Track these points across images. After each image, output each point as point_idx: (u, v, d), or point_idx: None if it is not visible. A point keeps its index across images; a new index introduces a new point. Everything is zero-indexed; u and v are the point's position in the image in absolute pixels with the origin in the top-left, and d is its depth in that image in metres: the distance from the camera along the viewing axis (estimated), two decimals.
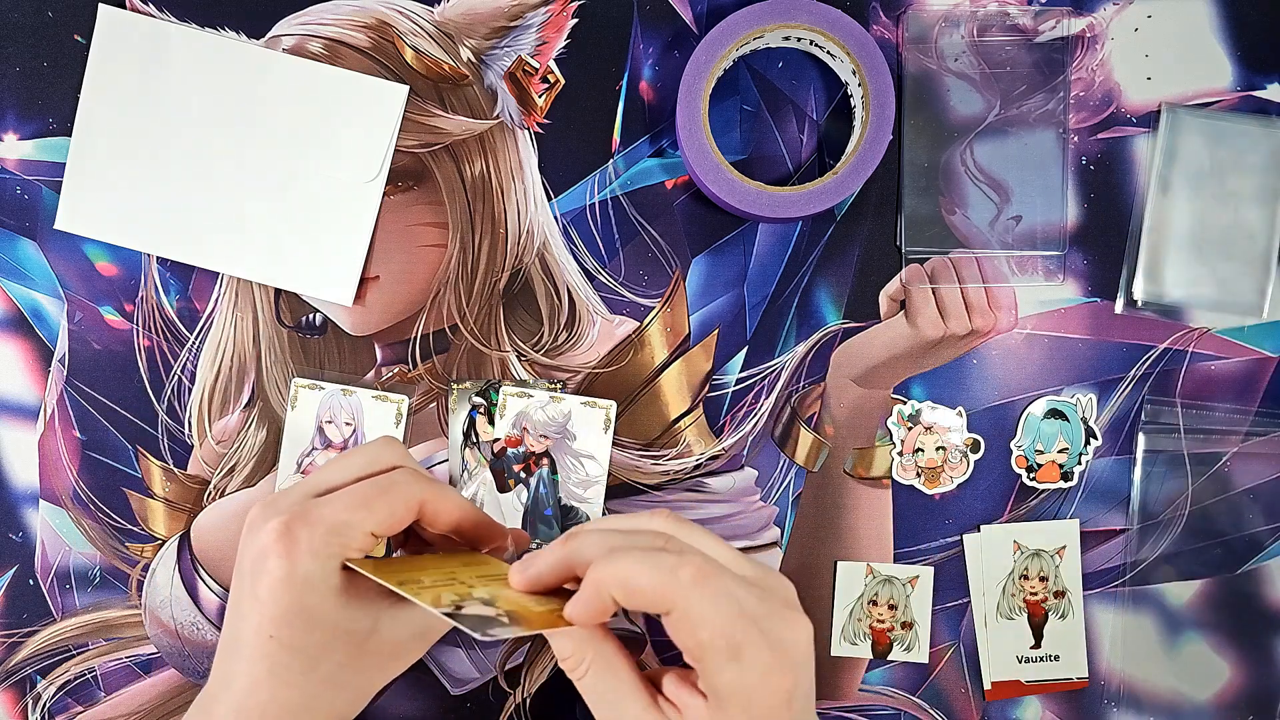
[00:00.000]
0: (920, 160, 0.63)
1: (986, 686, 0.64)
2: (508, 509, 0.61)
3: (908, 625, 0.64)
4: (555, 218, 0.64)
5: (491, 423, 0.63)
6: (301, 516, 0.43)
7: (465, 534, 0.48)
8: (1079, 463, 0.64)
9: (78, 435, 0.64)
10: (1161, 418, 0.63)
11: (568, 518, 0.62)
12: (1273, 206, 0.62)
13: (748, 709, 0.39)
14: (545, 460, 0.60)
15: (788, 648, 0.40)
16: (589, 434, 0.60)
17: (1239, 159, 0.62)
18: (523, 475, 0.61)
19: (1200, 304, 0.63)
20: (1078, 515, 0.64)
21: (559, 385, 0.63)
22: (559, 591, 0.43)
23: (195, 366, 0.64)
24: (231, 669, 0.44)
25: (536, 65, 0.63)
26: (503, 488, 0.62)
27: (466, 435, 0.63)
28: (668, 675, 0.42)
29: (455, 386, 0.63)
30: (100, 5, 0.63)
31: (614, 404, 0.62)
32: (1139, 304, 0.63)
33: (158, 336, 0.64)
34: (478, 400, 0.63)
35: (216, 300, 0.64)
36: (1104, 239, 0.64)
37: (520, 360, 0.63)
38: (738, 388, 0.64)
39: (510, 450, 0.59)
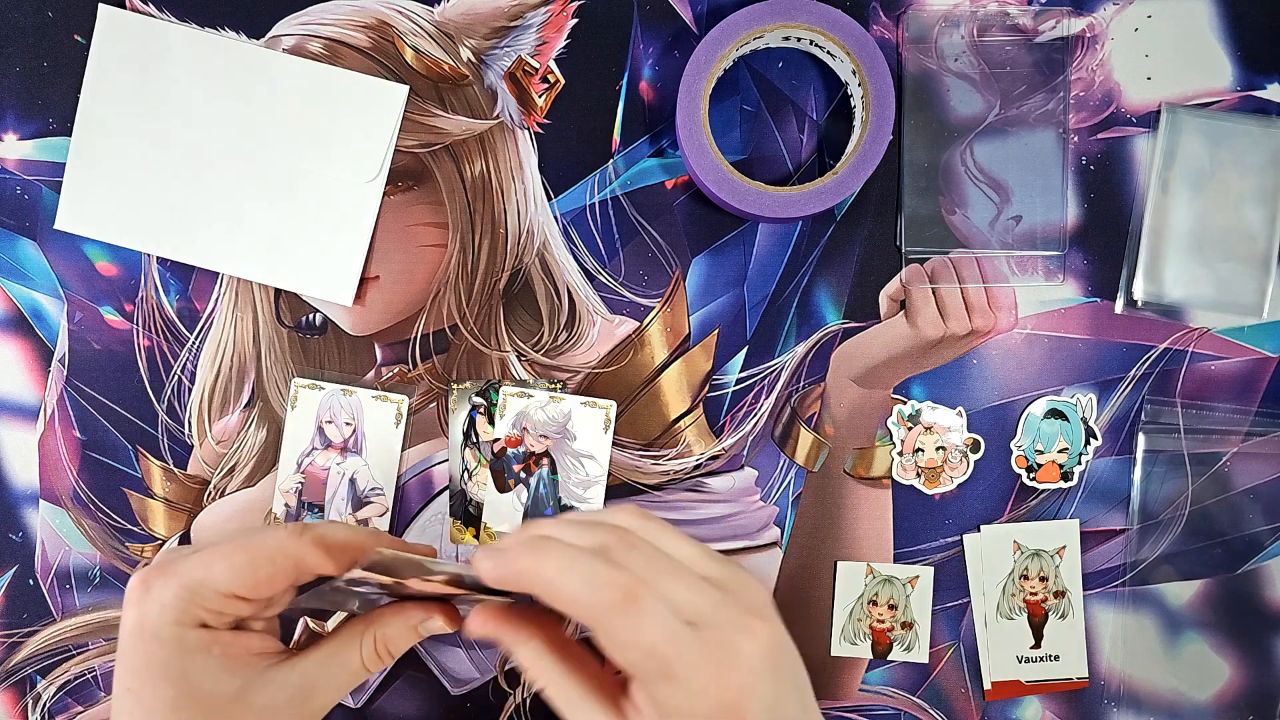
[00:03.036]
0: (920, 160, 0.63)
1: (986, 686, 0.64)
2: (507, 509, 0.61)
3: (908, 625, 0.64)
4: (555, 218, 0.64)
5: (491, 423, 0.63)
6: (160, 568, 0.42)
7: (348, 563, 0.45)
8: (1079, 463, 0.64)
9: (78, 435, 0.64)
10: (1161, 418, 0.63)
11: None
12: (1273, 206, 0.62)
13: None
14: (545, 460, 0.60)
15: (737, 659, 0.37)
16: (589, 434, 0.60)
17: (1239, 159, 0.62)
18: (523, 475, 0.61)
19: (1200, 304, 0.63)
20: (1078, 515, 0.64)
21: (559, 385, 0.63)
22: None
23: (195, 366, 0.64)
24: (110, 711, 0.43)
25: (536, 65, 0.63)
26: (502, 488, 0.62)
27: (466, 435, 0.63)
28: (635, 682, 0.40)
29: (455, 386, 0.63)
30: (100, 5, 0.63)
31: (614, 404, 0.62)
32: (1139, 304, 0.63)
33: (158, 336, 0.64)
34: (478, 400, 0.63)
35: (216, 300, 0.64)
36: (1104, 239, 0.64)
37: (520, 360, 0.63)
38: (738, 388, 0.64)
39: (510, 450, 0.59)
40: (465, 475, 0.63)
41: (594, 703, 0.40)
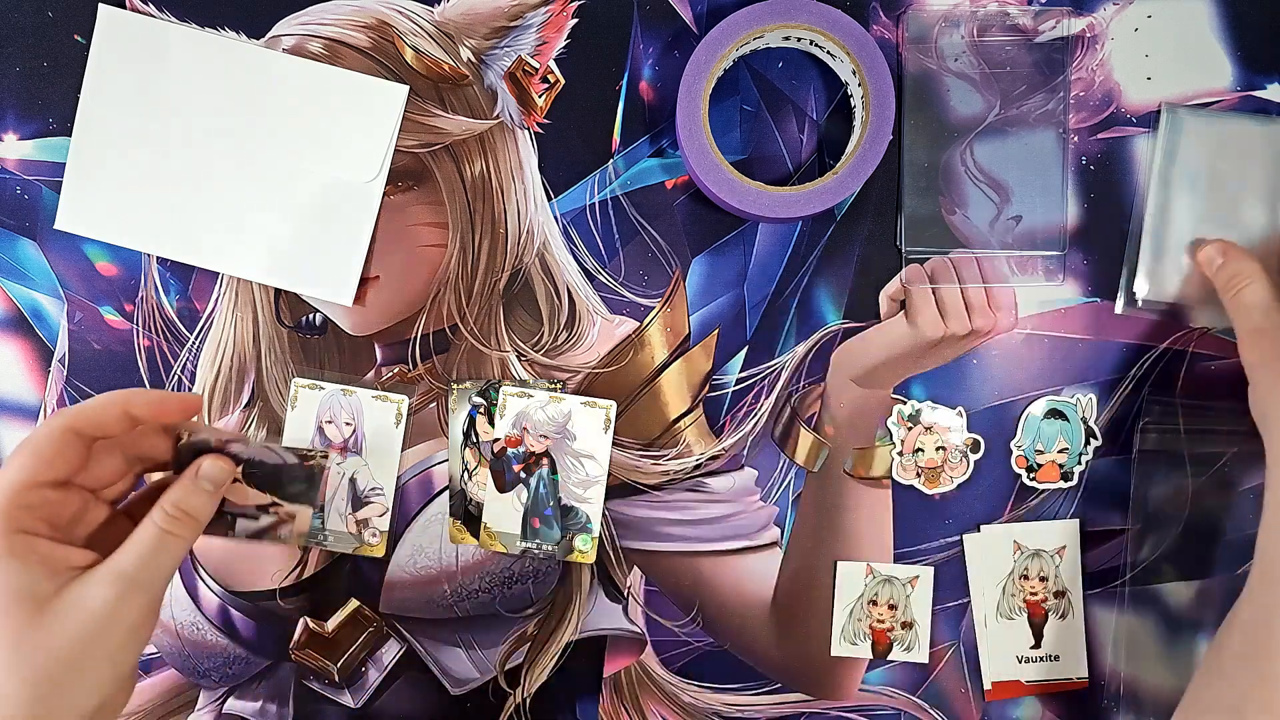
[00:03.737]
0: (920, 160, 0.63)
1: (986, 686, 0.64)
2: (507, 509, 0.61)
3: (908, 625, 0.64)
4: (555, 218, 0.64)
5: (491, 423, 0.63)
6: None
7: (145, 415, 0.49)
8: (1079, 463, 0.64)
9: None
10: (1161, 418, 0.63)
11: (567, 517, 0.62)
12: (1272, 206, 0.62)
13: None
14: (545, 460, 0.60)
15: None
16: (589, 434, 0.60)
17: (1239, 159, 0.62)
18: (522, 475, 0.61)
19: (1199, 305, 0.63)
20: (1078, 515, 0.64)
21: (559, 385, 0.63)
22: None
23: (195, 366, 0.64)
24: None
25: (536, 65, 0.63)
26: (502, 487, 0.62)
27: (466, 435, 0.63)
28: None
29: (455, 386, 0.63)
30: (100, 5, 0.63)
31: (614, 404, 0.62)
32: (1139, 304, 0.63)
33: (158, 336, 0.64)
34: (478, 400, 0.63)
35: (216, 300, 0.64)
36: (1104, 239, 0.64)
37: (520, 360, 0.63)
38: (738, 388, 0.64)
39: (510, 450, 0.59)
40: (465, 475, 0.63)
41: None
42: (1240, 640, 0.51)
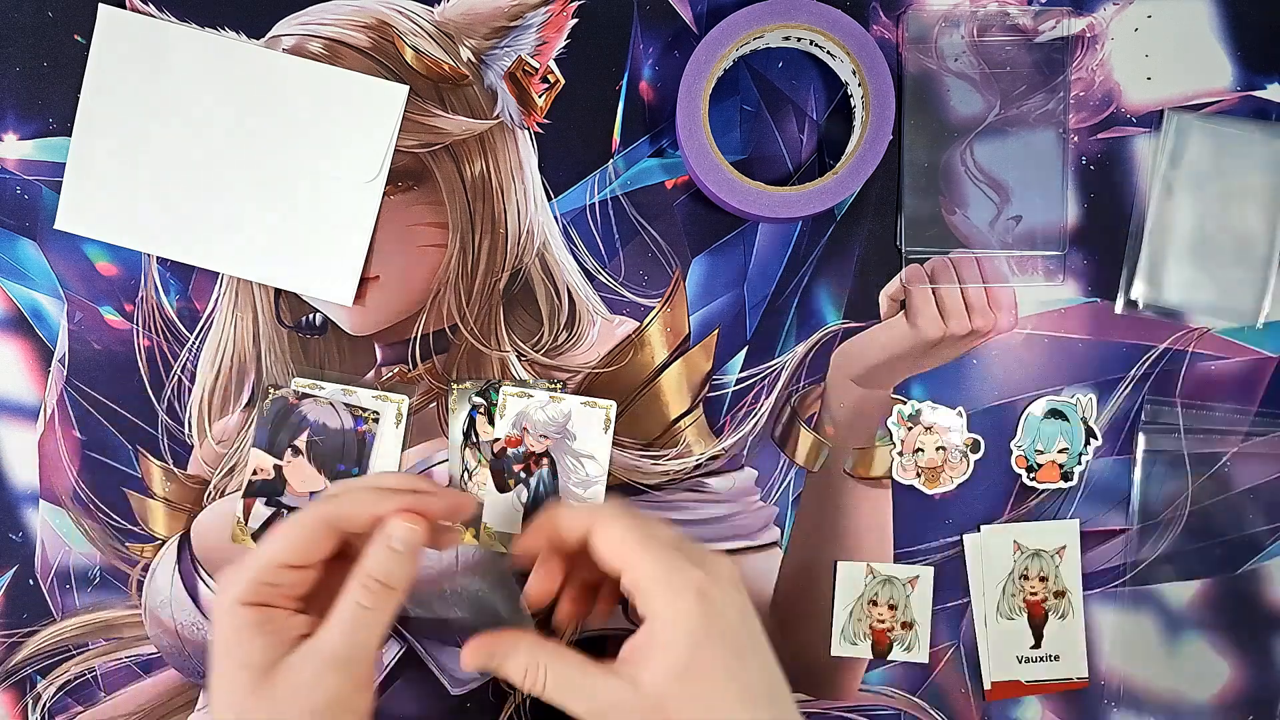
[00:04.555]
0: (920, 160, 0.63)
1: (986, 686, 0.64)
2: (507, 509, 0.61)
3: (908, 625, 0.64)
4: (555, 218, 0.64)
5: (491, 423, 0.63)
6: (240, 561, 0.47)
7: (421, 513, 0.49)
8: (1079, 463, 0.64)
9: (78, 435, 0.64)
10: (1161, 418, 0.63)
11: None
12: (1274, 213, 0.62)
13: (677, 626, 0.45)
14: (545, 460, 0.60)
15: (713, 573, 0.46)
16: (589, 434, 0.60)
17: (1242, 164, 0.62)
18: (522, 475, 0.61)
19: (1198, 308, 0.63)
20: (1078, 515, 0.64)
21: (559, 385, 0.63)
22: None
23: (195, 366, 0.64)
24: None
25: (536, 65, 0.63)
26: (502, 487, 0.62)
27: (466, 435, 0.63)
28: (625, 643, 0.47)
29: (455, 386, 0.63)
30: (100, 5, 0.63)
31: (614, 404, 0.62)
32: (1138, 306, 0.63)
33: (158, 336, 0.64)
34: (478, 400, 0.63)
35: (216, 300, 0.64)
36: (1104, 239, 0.64)
37: (520, 360, 0.63)
38: (738, 388, 0.64)
39: (510, 450, 0.59)
40: (465, 475, 0.63)
41: (592, 670, 0.46)
42: None
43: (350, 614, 0.46)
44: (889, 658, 0.64)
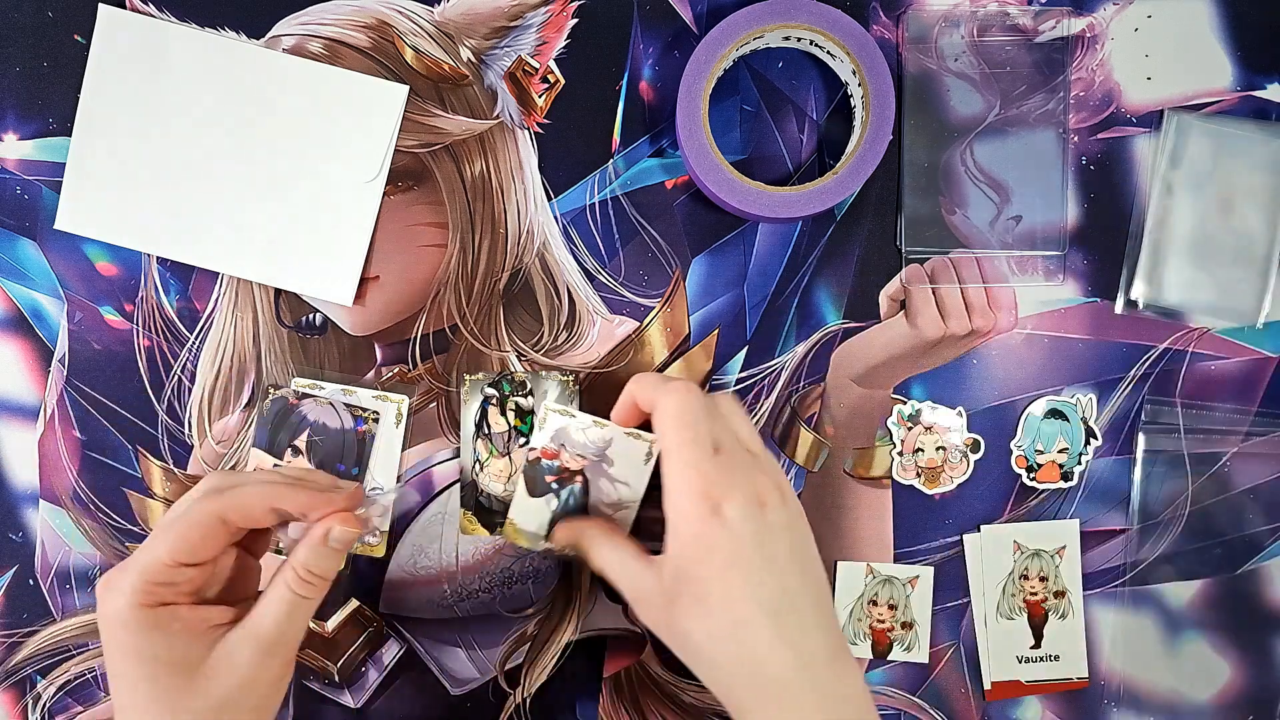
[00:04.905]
0: (920, 160, 0.63)
1: (986, 686, 0.64)
2: (537, 510, 0.59)
3: (908, 625, 0.64)
4: (555, 218, 0.64)
5: (503, 413, 0.63)
6: (116, 568, 0.47)
7: (299, 513, 0.50)
8: (1079, 463, 0.64)
9: (78, 435, 0.64)
10: (1161, 418, 0.63)
11: None
12: (1274, 213, 0.62)
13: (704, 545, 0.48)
14: (580, 478, 0.59)
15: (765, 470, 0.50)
16: (627, 463, 0.58)
17: (1242, 165, 0.62)
18: (554, 486, 0.59)
19: (1198, 308, 0.63)
20: (1078, 515, 0.64)
21: (572, 376, 0.63)
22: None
23: (195, 366, 0.64)
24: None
25: (536, 65, 0.63)
26: (533, 491, 0.60)
27: (479, 426, 0.63)
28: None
29: (468, 378, 0.63)
30: (100, 5, 0.63)
31: (655, 439, 0.57)
32: (1138, 306, 0.63)
33: (158, 336, 0.64)
34: (490, 391, 0.63)
35: (216, 300, 0.64)
36: (1104, 239, 0.64)
37: (520, 360, 0.63)
38: (738, 388, 0.64)
39: (545, 461, 0.58)
40: (477, 467, 0.63)
41: (634, 551, 0.52)
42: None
43: (286, 601, 0.48)
44: (889, 658, 0.64)
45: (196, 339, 0.64)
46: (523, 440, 0.63)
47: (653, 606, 0.50)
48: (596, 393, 0.63)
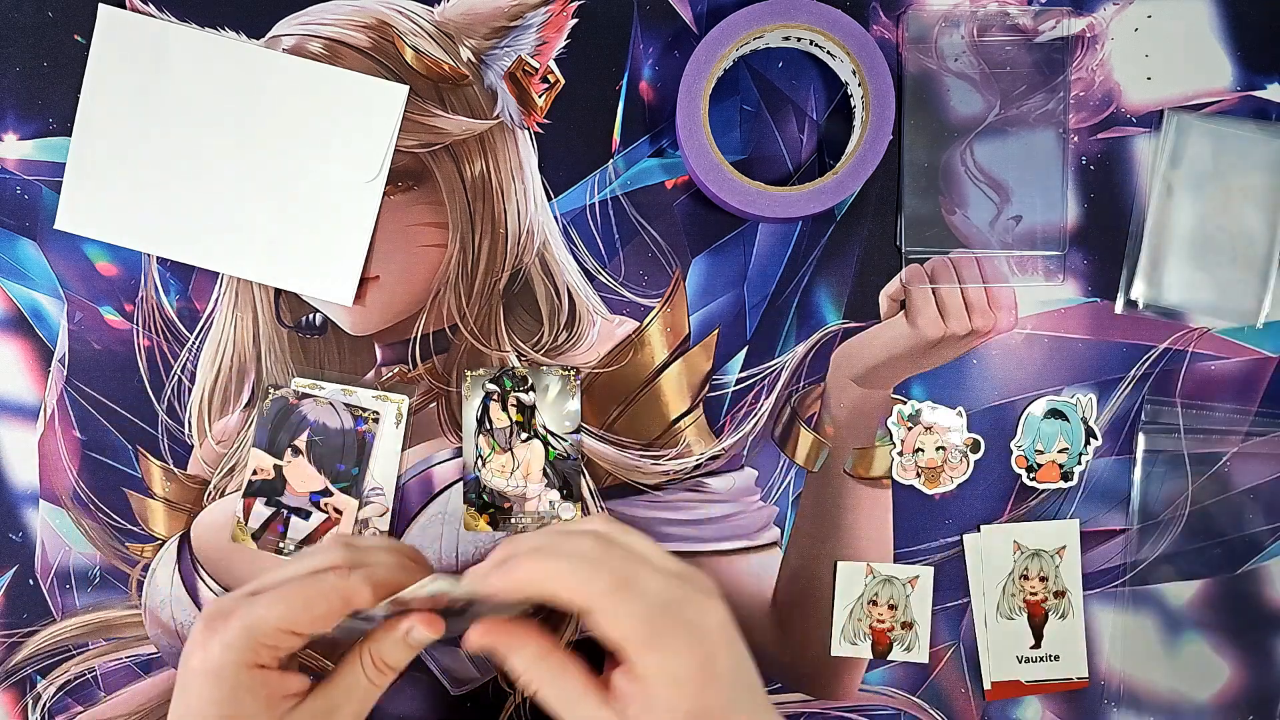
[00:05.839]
0: (920, 160, 0.63)
1: (986, 686, 0.64)
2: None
3: (908, 625, 0.64)
4: (555, 218, 0.64)
5: (504, 409, 0.63)
6: (222, 613, 0.46)
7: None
8: (1079, 463, 0.64)
9: (78, 435, 0.64)
10: (1161, 418, 0.63)
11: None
12: (1274, 213, 0.62)
13: (673, 686, 0.43)
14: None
15: (705, 628, 0.44)
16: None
17: (1242, 164, 0.62)
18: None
19: (1198, 308, 0.63)
20: (1078, 515, 0.64)
21: (572, 371, 0.63)
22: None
23: (195, 366, 0.64)
24: None
25: (536, 65, 0.63)
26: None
27: (480, 422, 0.63)
28: (615, 670, 0.45)
29: (469, 374, 0.63)
30: (100, 5, 0.63)
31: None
32: (1138, 306, 0.63)
33: (158, 336, 0.64)
34: (491, 387, 0.63)
35: (216, 300, 0.64)
36: (1104, 239, 0.64)
37: (520, 360, 0.64)
38: (738, 388, 0.64)
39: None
40: (479, 463, 0.63)
41: (587, 695, 0.45)
42: None
43: (360, 686, 0.49)
44: (889, 658, 0.64)
45: (196, 339, 0.64)
46: (524, 435, 0.63)
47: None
48: (596, 393, 0.63)
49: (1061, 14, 0.63)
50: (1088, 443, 0.64)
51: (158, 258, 0.64)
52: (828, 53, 0.62)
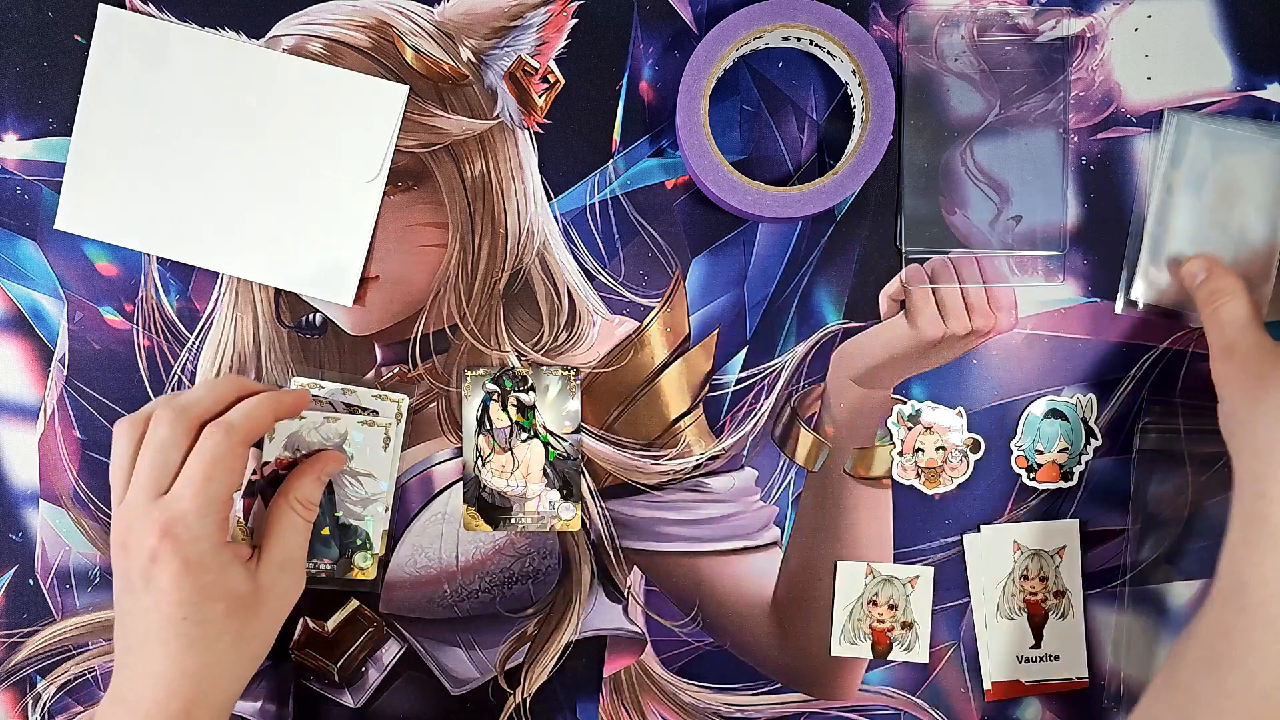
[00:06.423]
0: (920, 160, 0.63)
1: (986, 686, 0.64)
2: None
3: (908, 625, 0.64)
4: (555, 218, 0.64)
5: (504, 408, 0.63)
6: (170, 518, 0.51)
7: (286, 415, 0.58)
8: (1079, 463, 0.64)
9: (78, 435, 0.64)
10: (1161, 418, 0.63)
11: (345, 535, 0.61)
12: (1274, 213, 0.62)
13: None
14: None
15: None
16: (368, 452, 0.60)
17: (1242, 164, 0.62)
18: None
19: (1182, 297, 0.63)
20: (1078, 515, 0.64)
21: (572, 372, 0.63)
22: None
23: (195, 366, 0.64)
24: (146, 658, 0.51)
25: (536, 65, 0.63)
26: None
27: (480, 422, 0.63)
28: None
29: (469, 374, 0.63)
30: (100, 5, 0.63)
31: (394, 421, 0.61)
32: (1138, 306, 0.63)
33: (158, 336, 0.64)
34: (491, 387, 0.63)
35: (216, 300, 0.64)
36: (1104, 239, 0.64)
37: (520, 360, 0.64)
38: (738, 388, 0.64)
39: (281, 471, 0.59)
40: (479, 462, 0.63)
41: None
42: (1198, 651, 0.52)
43: (299, 528, 0.56)
44: (889, 658, 0.64)
45: (196, 339, 0.64)
46: (524, 435, 0.63)
47: (1248, 372, 0.54)
48: (596, 393, 0.63)
49: (1061, 14, 0.63)
50: (1088, 443, 0.64)
51: (158, 258, 0.64)
52: (828, 53, 0.62)
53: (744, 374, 0.64)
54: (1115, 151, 0.64)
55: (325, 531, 0.61)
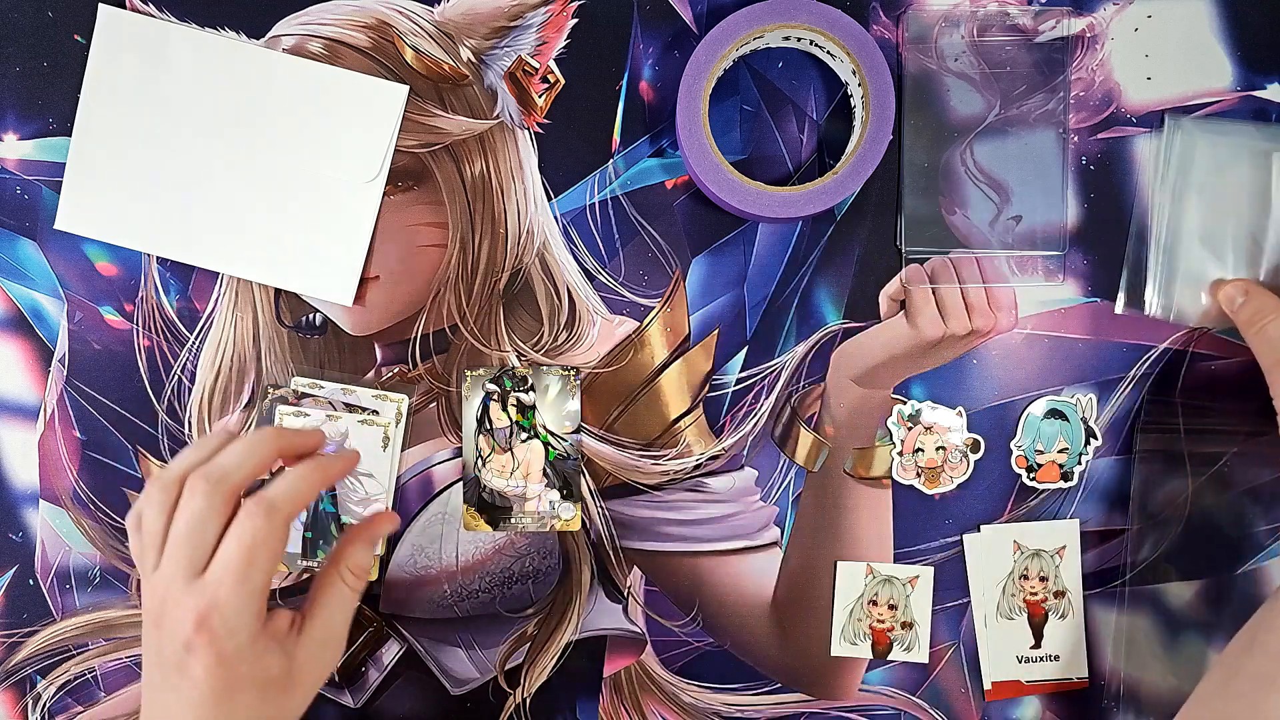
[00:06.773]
0: (920, 160, 0.63)
1: (986, 686, 0.64)
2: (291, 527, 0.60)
3: (908, 625, 0.64)
4: (555, 218, 0.64)
5: (504, 409, 0.63)
6: (207, 607, 0.47)
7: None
8: (1079, 463, 0.64)
9: (78, 435, 0.64)
10: (1161, 418, 0.63)
11: None
12: (1274, 214, 0.62)
13: None
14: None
15: None
16: (367, 453, 0.60)
17: (1242, 165, 0.62)
18: None
19: (1197, 310, 0.63)
20: (1078, 515, 0.64)
21: (572, 372, 0.63)
22: None
23: (195, 366, 0.64)
24: None
25: (536, 65, 0.63)
26: None
27: (480, 422, 0.63)
28: None
29: (469, 374, 0.63)
30: (100, 5, 0.63)
31: (393, 421, 0.61)
32: (1145, 311, 0.63)
33: (158, 336, 0.64)
34: (491, 387, 0.63)
35: (216, 300, 0.64)
36: (1104, 239, 0.64)
37: (520, 360, 0.64)
38: (738, 388, 0.64)
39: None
40: (479, 462, 0.63)
41: None
42: (1261, 661, 0.51)
43: (347, 600, 0.52)
44: (889, 658, 0.64)
45: (196, 339, 0.64)
46: (524, 435, 0.63)
47: None
48: (596, 393, 0.63)
49: (1061, 14, 0.63)
50: (1088, 443, 0.64)
51: (158, 258, 0.64)
52: (828, 53, 0.62)
53: (744, 374, 0.64)
54: (1115, 151, 0.64)
55: None
